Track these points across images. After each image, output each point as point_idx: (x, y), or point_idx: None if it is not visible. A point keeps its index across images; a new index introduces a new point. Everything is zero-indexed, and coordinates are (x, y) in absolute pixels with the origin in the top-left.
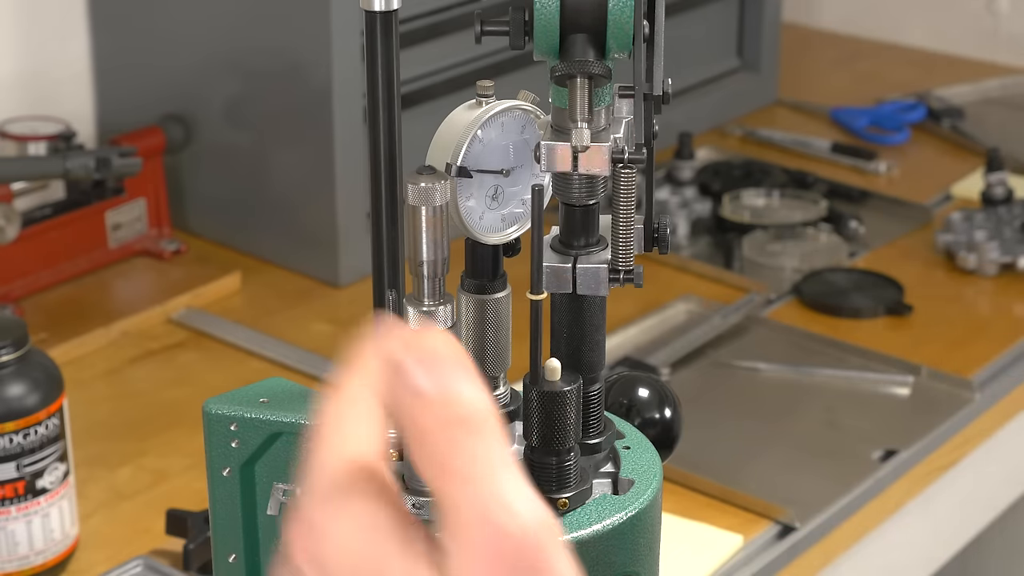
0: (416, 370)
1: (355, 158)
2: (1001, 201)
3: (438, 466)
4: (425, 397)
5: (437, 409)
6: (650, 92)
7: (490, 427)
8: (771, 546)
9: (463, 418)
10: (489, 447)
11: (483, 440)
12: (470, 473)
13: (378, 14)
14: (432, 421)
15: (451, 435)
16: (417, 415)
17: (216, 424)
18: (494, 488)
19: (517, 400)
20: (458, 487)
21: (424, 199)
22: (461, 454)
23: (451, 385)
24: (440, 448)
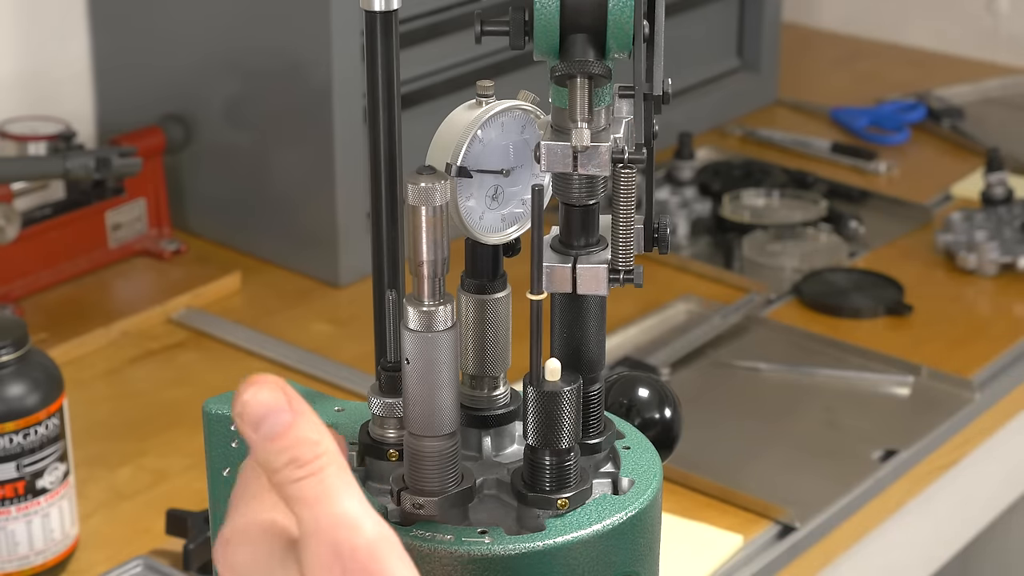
0: (260, 423)
1: (355, 158)
2: (1001, 201)
3: (289, 498)
4: (272, 442)
5: (282, 452)
6: (650, 92)
7: (326, 457)
8: (771, 546)
9: (302, 456)
10: (327, 476)
11: (321, 469)
12: (312, 500)
13: (378, 14)
14: (280, 461)
15: (295, 471)
16: (269, 458)
17: (216, 424)
18: (334, 510)
19: (517, 400)
20: (304, 512)
21: (424, 199)
22: (304, 485)
23: (288, 429)
24: (288, 482)
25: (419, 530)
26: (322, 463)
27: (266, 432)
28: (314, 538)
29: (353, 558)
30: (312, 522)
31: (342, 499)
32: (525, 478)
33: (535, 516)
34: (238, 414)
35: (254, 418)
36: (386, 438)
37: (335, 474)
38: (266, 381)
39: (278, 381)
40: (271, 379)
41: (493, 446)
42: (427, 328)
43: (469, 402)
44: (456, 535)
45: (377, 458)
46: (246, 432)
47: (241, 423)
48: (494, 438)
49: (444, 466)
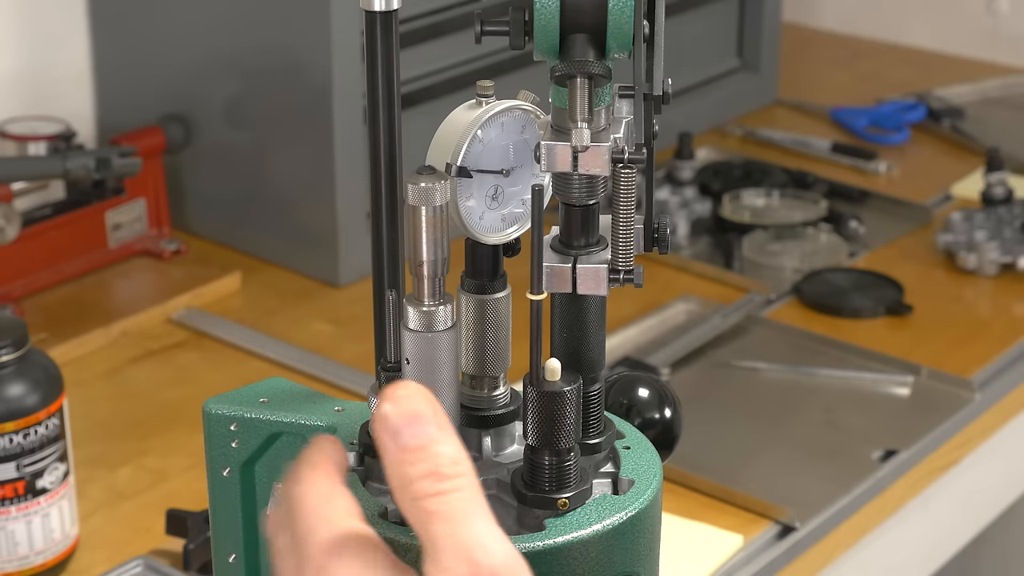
0: (403, 429)
1: (355, 158)
2: (1001, 201)
3: (423, 510)
4: (411, 452)
5: (421, 463)
6: (650, 92)
7: (467, 478)
8: (771, 546)
9: (443, 471)
10: (465, 495)
11: (461, 489)
12: (450, 516)
13: (378, 14)
14: (417, 472)
15: (434, 484)
16: (405, 467)
17: (216, 424)
18: (471, 529)
19: (517, 400)
20: (440, 527)
21: (424, 199)
22: (442, 500)
23: (432, 442)
24: (425, 495)
25: None
26: (464, 482)
27: (406, 442)
28: (451, 554)
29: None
30: (448, 538)
31: (480, 519)
32: (525, 478)
33: (535, 516)
34: (380, 418)
35: (396, 426)
36: None
37: (475, 494)
38: (414, 391)
39: (425, 393)
40: (418, 389)
41: (493, 446)
42: (427, 328)
43: (469, 402)
44: None
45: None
46: (384, 439)
47: (381, 429)
48: (494, 438)
49: None
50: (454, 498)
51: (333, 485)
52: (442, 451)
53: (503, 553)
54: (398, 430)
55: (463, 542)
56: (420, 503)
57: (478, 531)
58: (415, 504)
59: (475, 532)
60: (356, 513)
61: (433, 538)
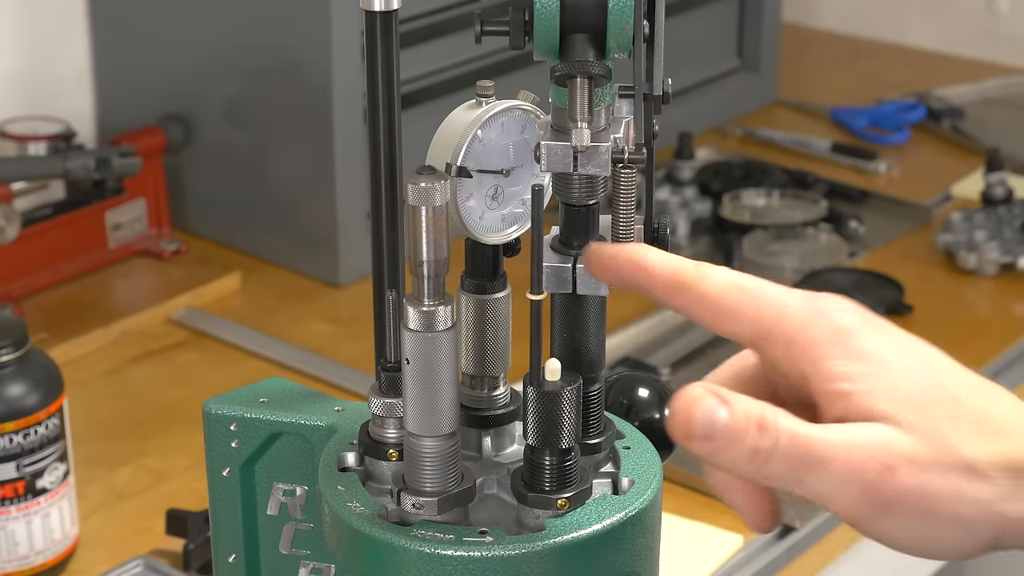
0: (706, 438)
1: (355, 158)
2: (1001, 201)
3: (782, 478)
4: (720, 451)
5: (741, 460)
6: (650, 92)
7: (771, 432)
8: (771, 546)
9: (754, 447)
10: (785, 442)
11: (776, 442)
12: (797, 466)
13: (378, 14)
14: (748, 465)
15: (760, 464)
16: (736, 468)
17: (216, 424)
18: (823, 463)
19: (517, 400)
20: (807, 475)
21: (424, 199)
22: (774, 466)
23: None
24: (771, 475)
25: (419, 530)
26: (781, 437)
27: (719, 445)
28: (838, 485)
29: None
30: (825, 481)
31: (818, 442)
32: (525, 478)
33: (535, 516)
34: (685, 435)
35: (704, 432)
36: (386, 438)
37: (790, 427)
38: (695, 394)
39: (703, 386)
40: (698, 389)
41: (493, 446)
42: (427, 328)
43: (469, 402)
44: (456, 535)
45: (377, 458)
46: (701, 448)
47: (692, 442)
48: (494, 438)
49: (444, 466)
50: (784, 453)
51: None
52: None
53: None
54: (708, 437)
55: (842, 471)
56: (764, 474)
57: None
58: (777, 481)
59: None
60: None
61: (811, 488)
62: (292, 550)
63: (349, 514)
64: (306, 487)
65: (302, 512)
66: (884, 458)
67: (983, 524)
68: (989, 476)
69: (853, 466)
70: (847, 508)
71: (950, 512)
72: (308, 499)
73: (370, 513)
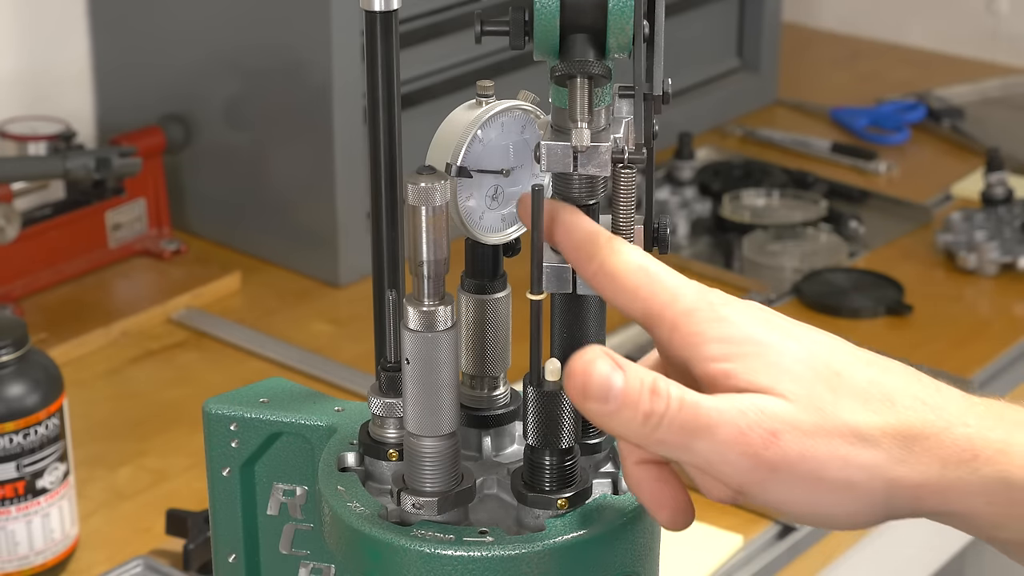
0: (601, 399)
1: (355, 158)
2: (1001, 201)
3: (673, 444)
4: (611, 414)
5: (635, 422)
6: (650, 92)
7: (662, 397)
8: (771, 546)
9: (647, 411)
10: (676, 408)
11: (667, 407)
12: (688, 432)
13: (378, 14)
14: (641, 430)
15: (647, 421)
16: (629, 433)
17: (216, 424)
18: (716, 424)
19: (517, 400)
20: (695, 442)
21: (424, 199)
22: (666, 429)
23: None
24: (660, 441)
25: (419, 530)
26: (672, 403)
27: (613, 407)
28: (723, 452)
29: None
30: (711, 446)
31: (706, 409)
32: (525, 478)
33: (535, 516)
34: (582, 395)
35: (600, 394)
36: (386, 438)
37: (681, 394)
38: (593, 357)
39: (600, 349)
40: (597, 351)
41: (493, 446)
42: (427, 328)
43: (469, 402)
44: (456, 535)
45: (377, 458)
46: (596, 409)
47: (588, 402)
48: (494, 438)
49: (444, 466)
50: (675, 416)
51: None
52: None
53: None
54: (604, 398)
55: (725, 436)
56: (655, 439)
57: (721, 410)
58: (667, 449)
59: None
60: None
61: (699, 456)
62: (292, 550)
63: (349, 514)
64: (306, 487)
65: (302, 512)
66: (768, 424)
67: (873, 490)
68: (878, 442)
69: (738, 432)
70: (734, 475)
71: (838, 478)
72: (308, 499)
73: (370, 513)
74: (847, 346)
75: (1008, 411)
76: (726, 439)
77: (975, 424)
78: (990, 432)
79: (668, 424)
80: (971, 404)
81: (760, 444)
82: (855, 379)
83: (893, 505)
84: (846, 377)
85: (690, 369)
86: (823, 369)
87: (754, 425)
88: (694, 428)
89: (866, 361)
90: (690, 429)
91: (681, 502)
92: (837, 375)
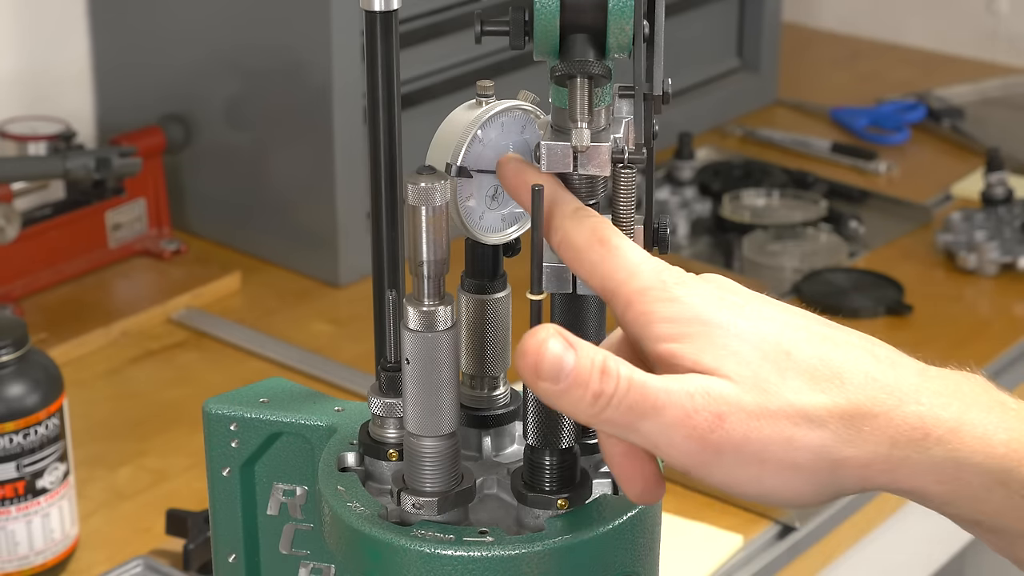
0: (553, 378)
1: (355, 158)
2: (1001, 201)
3: (625, 425)
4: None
5: (584, 401)
6: (650, 92)
7: (612, 378)
8: (771, 546)
9: (597, 391)
10: (625, 390)
11: (616, 389)
12: (640, 412)
13: (378, 14)
14: (589, 409)
15: (595, 401)
16: (577, 411)
17: (216, 424)
18: (661, 407)
19: (517, 400)
20: (643, 423)
21: (424, 199)
22: (617, 410)
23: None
24: (609, 419)
25: (419, 530)
26: (620, 383)
27: (563, 387)
28: (668, 433)
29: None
30: (658, 428)
31: (653, 390)
32: (525, 478)
33: (535, 516)
34: (534, 375)
35: (552, 373)
36: (386, 438)
37: (630, 375)
38: (545, 336)
39: (553, 328)
40: (549, 330)
41: (493, 446)
42: (427, 328)
43: (469, 402)
44: (456, 535)
45: (377, 458)
46: (547, 389)
47: (539, 382)
48: (494, 438)
49: (444, 466)
50: (624, 397)
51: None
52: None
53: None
54: (556, 377)
55: (670, 419)
56: (603, 418)
57: (667, 405)
58: (615, 425)
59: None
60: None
61: (646, 436)
62: (292, 550)
63: (349, 514)
64: (306, 487)
65: (302, 512)
66: (712, 407)
67: (819, 470)
68: (824, 422)
69: (684, 414)
70: (679, 456)
71: (782, 459)
72: (308, 499)
73: (370, 513)
74: (802, 321)
75: (965, 385)
76: (672, 421)
77: (927, 402)
78: (942, 411)
79: (616, 405)
80: (926, 379)
81: (706, 427)
82: (804, 357)
83: (840, 484)
84: (795, 355)
85: (641, 345)
86: (771, 349)
87: (700, 408)
88: (641, 409)
89: (821, 337)
90: (638, 410)
91: (650, 476)
92: (786, 354)
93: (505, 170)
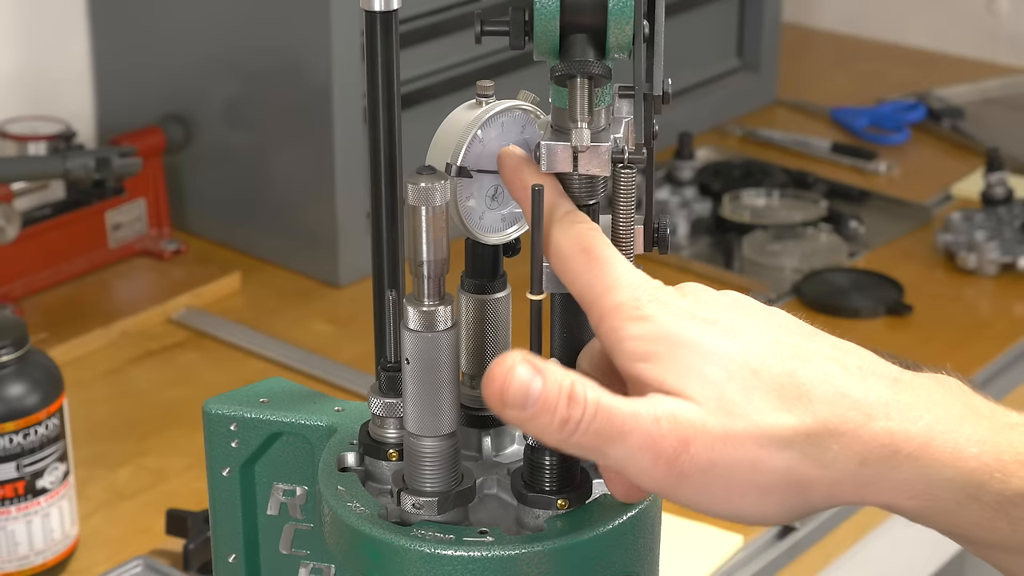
0: (520, 406)
1: (355, 158)
2: (1001, 201)
3: (588, 448)
4: (532, 424)
5: (551, 427)
6: (650, 92)
7: (579, 404)
8: (771, 546)
9: (563, 416)
10: (594, 415)
11: (586, 417)
12: (605, 438)
13: (378, 14)
14: (558, 434)
15: (564, 426)
16: (547, 437)
17: (216, 424)
18: (627, 435)
19: None
20: (612, 449)
21: (424, 199)
22: (586, 436)
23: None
24: (579, 444)
25: (419, 530)
26: (588, 409)
27: (530, 414)
28: (636, 458)
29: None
30: (625, 452)
31: (619, 415)
32: (525, 478)
33: (535, 516)
34: (500, 403)
35: (519, 402)
36: (386, 438)
37: (598, 399)
38: (512, 363)
39: (520, 355)
40: (516, 357)
41: (493, 446)
42: (427, 328)
43: (469, 402)
44: (456, 535)
45: (377, 458)
46: (514, 416)
47: (506, 410)
48: (494, 438)
49: (444, 466)
50: (591, 424)
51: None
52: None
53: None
54: (523, 405)
55: (636, 444)
56: (585, 446)
57: (635, 429)
58: (582, 449)
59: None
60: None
61: (611, 461)
62: (292, 550)
63: (349, 514)
64: (306, 487)
65: (302, 512)
66: (678, 432)
67: (786, 491)
68: (790, 443)
69: (650, 439)
70: (647, 479)
71: (749, 481)
72: (308, 499)
73: (370, 513)
74: (773, 334)
75: (938, 393)
76: (639, 446)
77: (897, 417)
78: (912, 425)
79: (583, 430)
80: (897, 391)
81: (671, 452)
82: (771, 375)
83: (810, 502)
84: (762, 373)
85: (613, 359)
86: (737, 368)
87: (666, 434)
88: (608, 434)
89: (792, 351)
90: (604, 435)
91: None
92: (753, 373)
93: (504, 163)
